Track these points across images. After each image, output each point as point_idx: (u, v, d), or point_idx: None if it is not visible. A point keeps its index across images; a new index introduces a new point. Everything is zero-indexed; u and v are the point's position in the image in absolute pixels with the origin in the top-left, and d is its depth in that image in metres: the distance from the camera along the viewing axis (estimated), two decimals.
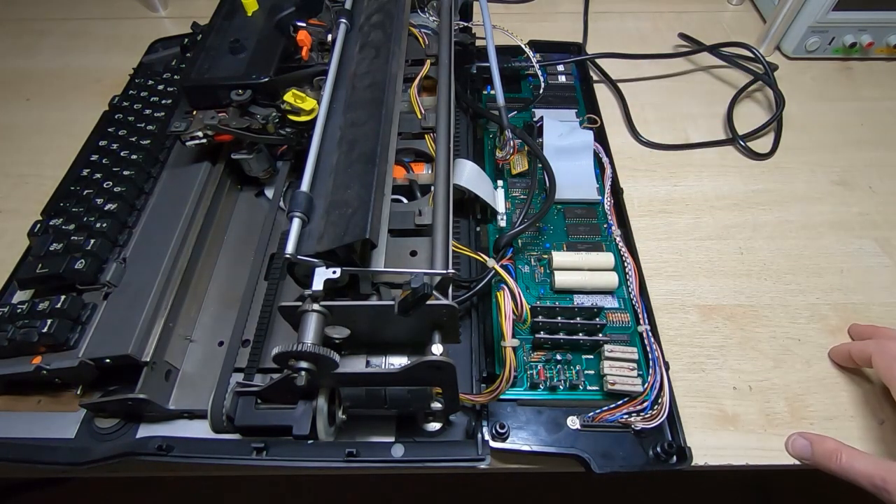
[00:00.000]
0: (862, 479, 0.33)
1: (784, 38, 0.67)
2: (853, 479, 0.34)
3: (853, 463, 0.34)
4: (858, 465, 0.34)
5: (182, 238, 0.42)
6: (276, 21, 0.47)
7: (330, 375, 0.31)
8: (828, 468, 0.36)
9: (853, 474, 0.34)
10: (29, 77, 0.67)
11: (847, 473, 0.34)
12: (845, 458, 0.34)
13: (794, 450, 0.38)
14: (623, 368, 0.39)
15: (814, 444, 0.37)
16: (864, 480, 0.33)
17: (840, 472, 0.35)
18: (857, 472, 0.33)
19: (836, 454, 0.35)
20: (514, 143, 0.48)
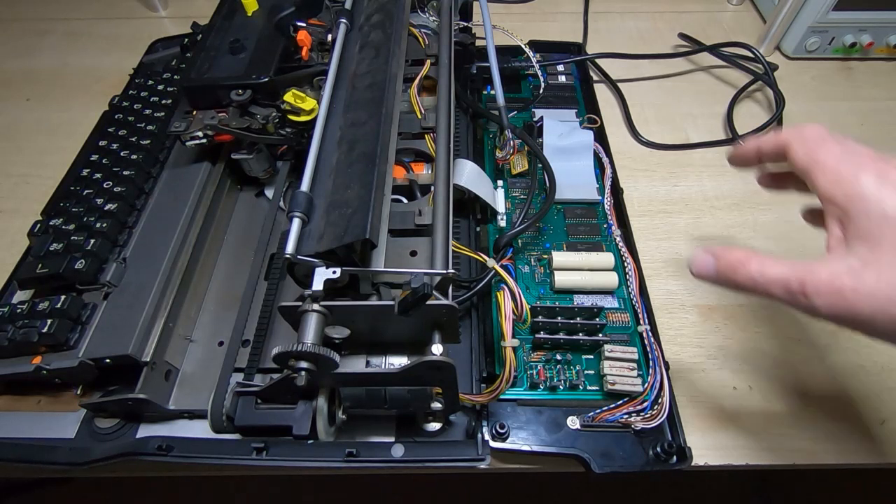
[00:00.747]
0: (775, 287, 0.27)
1: (784, 38, 0.67)
2: (765, 288, 0.28)
3: (764, 269, 0.28)
4: (771, 271, 0.28)
5: (182, 238, 0.42)
6: (276, 21, 0.47)
7: (330, 375, 0.31)
8: (734, 282, 0.29)
9: (764, 282, 0.28)
10: (29, 77, 0.67)
11: (757, 283, 0.28)
12: (755, 265, 0.28)
13: (697, 268, 0.31)
14: (623, 368, 0.39)
15: (718, 257, 0.30)
16: (778, 287, 0.27)
17: (749, 282, 0.28)
18: (770, 279, 0.27)
19: (743, 263, 0.29)
20: (514, 143, 0.48)
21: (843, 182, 0.27)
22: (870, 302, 0.25)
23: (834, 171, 0.28)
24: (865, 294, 0.25)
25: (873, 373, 0.42)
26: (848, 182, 0.27)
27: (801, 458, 0.39)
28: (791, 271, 0.27)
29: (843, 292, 0.25)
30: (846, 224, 0.27)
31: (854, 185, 0.27)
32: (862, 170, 0.27)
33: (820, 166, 0.29)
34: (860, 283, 0.25)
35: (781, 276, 0.27)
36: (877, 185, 0.26)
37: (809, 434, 0.39)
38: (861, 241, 0.26)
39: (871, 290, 0.25)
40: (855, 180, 0.27)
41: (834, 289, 0.25)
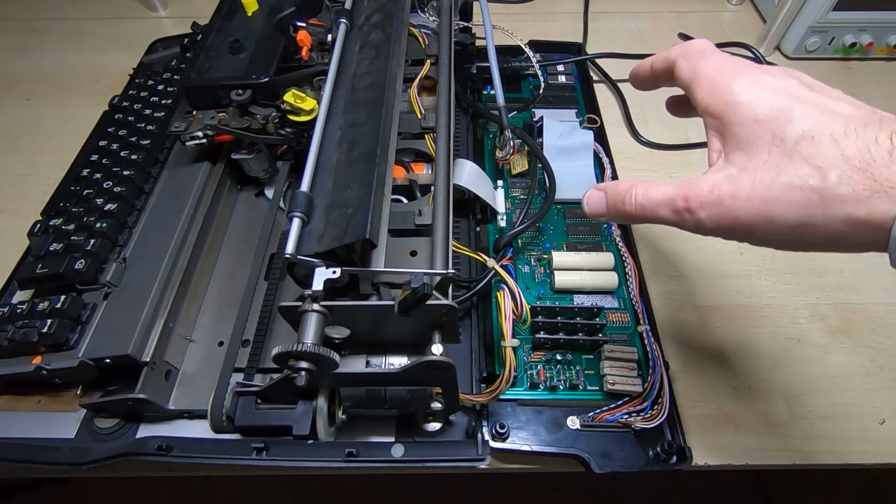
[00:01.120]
0: (663, 209, 0.27)
1: (784, 38, 0.67)
2: (653, 212, 0.27)
3: (650, 193, 0.27)
4: (656, 194, 0.27)
5: (182, 238, 0.42)
6: (276, 21, 0.47)
7: (330, 375, 0.31)
8: (624, 212, 0.29)
9: (652, 206, 0.27)
10: (29, 77, 0.67)
11: (646, 209, 0.28)
12: (640, 190, 0.28)
13: (590, 206, 0.31)
14: (623, 368, 0.39)
15: (608, 190, 0.30)
16: (666, 209, 0.27)
17: (638, 210, 0.28)
18: (656, 201, 0.27)
19: (629, 191, 0.28)
20: (514, 143, 0.48)
21: (717, 91, 0.27)
22: (747, 207, 0.24)
23: (710, 82, 0.27)
24: (743, 199, 0.24)
25: (873, 373, 0.42)
26: (722, 90, 0.27)
27: (801, 458, 0.39)
28: (675, 190, 0.26)
29: (723, 201, 0.25)
30: (724, 134, 0.27)
31: (727, 93, 0.26)
32: (736, 77, 0.27)
33: (699, 77, 0.28)
34: (737, 189, 0.25)
35: (667, 196, 0.27)
36: (748, 90, 0.26)
37: (809, 434, 0.39)
38: (737, 149, 0.26)
39: (747, 194, 0.24)
40: (728, 88, 0.26)
41: (714, 199, 0.25)
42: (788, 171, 0.23)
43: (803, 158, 0.23)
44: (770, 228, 0.24)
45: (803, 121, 0.24)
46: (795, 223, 0.23)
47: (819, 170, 0.23)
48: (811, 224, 0.23)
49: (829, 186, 0.22)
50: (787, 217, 0.23)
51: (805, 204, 0.23)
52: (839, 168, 0.22)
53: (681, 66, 0.30)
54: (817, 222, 0.23)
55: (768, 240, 0.25)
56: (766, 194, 0.24)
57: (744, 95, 0.26)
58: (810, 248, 0.25)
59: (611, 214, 0.30)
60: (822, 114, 0.24)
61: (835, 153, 0.23)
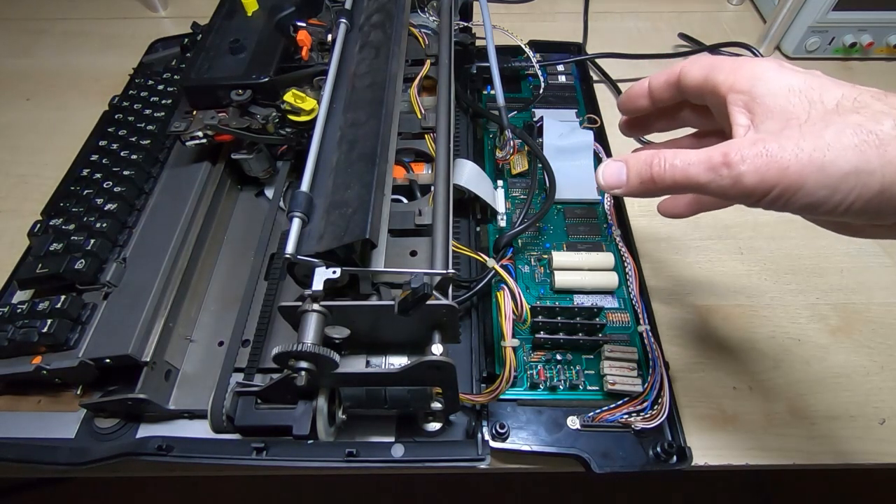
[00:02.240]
0: (696, 167, 0.25)
1: (784, 38, 0.67)
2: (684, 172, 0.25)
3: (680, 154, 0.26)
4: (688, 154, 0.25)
5: (182, 238, 0.42)
6: (276, 21, 0.47)
7: (330, 375, 0.31)
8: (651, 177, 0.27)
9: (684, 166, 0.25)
10: (29, 77, 0.67)
11: (677, 168, 0.26)
12: (669, 153, 0.26)
13: (607, 178, 0.28)
14: (623, 368, 0.39)
15: (628, 160, 0.28)
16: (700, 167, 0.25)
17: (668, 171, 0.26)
18: (689, 160, 0.25)
19: (657, 155, 0.26)
20: (514, 143, 0.48)
21: (743, 69, 0.26)
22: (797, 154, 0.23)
23: (733, 64, 0.27)
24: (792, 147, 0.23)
25: (873, 372, 0.42)
26: (748, 68, 0.26)
27: (801, 458, 0.39)
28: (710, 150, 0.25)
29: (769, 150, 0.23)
30: (752, 108, 0.26)
31: (755, 69, 0.26)
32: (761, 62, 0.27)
33: (717, 66, 0.28)
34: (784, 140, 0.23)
35: (702, 156, 0.25)
36: (777, 68, 0.26)
37: (809, 434, 0.39)
38: (771, 118, 0.25)
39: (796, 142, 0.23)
40: (755, 66, 0.26)
41: (759, 150, 0.24)
42: (838, 122, 0.23)
43: (851, 110, 0.23)
44: (821, 178, 0.23)
45: (839, 89, 0.24)
46: (849, 169, 0.22)
47: (873, 115, 0.22)
48: (866, 171, 0.22)
49: (885, 129, 0.22)
50: (841, 163, 0.22)
51: (861, 147, 0.22)
52: (892, 116, 0.22)
53: (689, 69, 0.29)
54: (873, 167, 0.22)
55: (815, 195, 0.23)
56: (818, 142, 0.23)
57: (773, 72, 0.26)
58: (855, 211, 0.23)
59: (632, 185, 0.28)
60: (853, 87, 0.24)
61: (882, 106, 0.22)
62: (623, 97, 0.34)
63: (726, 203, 0.34)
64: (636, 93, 0.33)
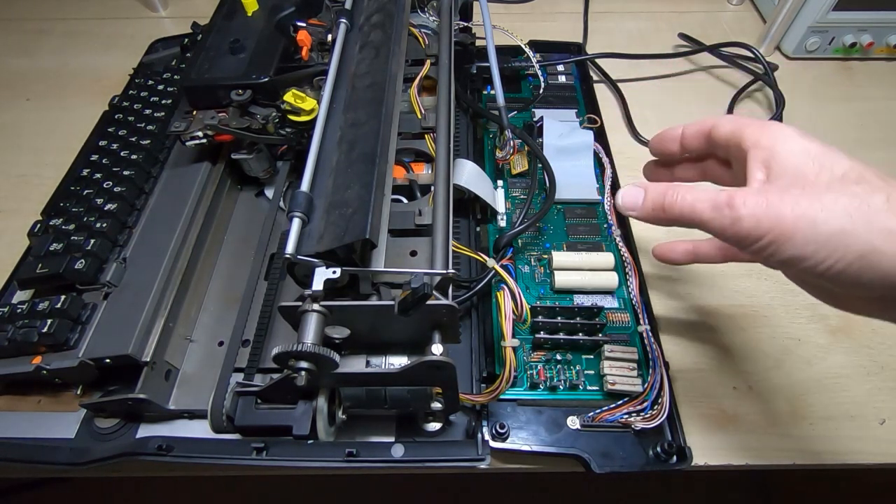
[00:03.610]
0: (702, 204, 0.28)
1: (784, 38, 0.67)
2: (691, 207, 0.28)
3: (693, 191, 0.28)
4: (699, 191, 0.28)
5: (182, 238, 0.42)
6: (276, 21, 0.47)
7: (330, 375, 0.31)
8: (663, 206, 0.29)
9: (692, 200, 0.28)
10: (29, 77, 0.67)
11: (686, 201, 0.28)
12: (683, 188, 0.29)
13: (625, 200, 0.31)
14: (623, 368, 0.39)
15: (648, 187, 0.30)
16: (706, 203, 0.27)
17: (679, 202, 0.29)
18: (699, 197, 0.28)
19: (672, 188, 0.29)
20: (514, 143, 0.48)
21: (770, 129, 0.29)
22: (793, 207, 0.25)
23: (761, 124, 0.29)
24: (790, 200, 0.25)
25: (873, 373, 0.42)
26: (775, 129, 0.28)
27: (801, 458, 0.39)
28: (716, 192, 0.27)
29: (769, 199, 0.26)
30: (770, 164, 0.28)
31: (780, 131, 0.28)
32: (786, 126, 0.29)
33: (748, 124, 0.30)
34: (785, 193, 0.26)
35: (708, 196, 0.28)
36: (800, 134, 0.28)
37: (809, 434, 0.39)
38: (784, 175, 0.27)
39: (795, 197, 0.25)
40: (781, 128, 0.28)
41: (761, 197, 0.26)
42: (839, 188, 0.25)
43: (854, 182, 0.25)
44: (810, 234, 0.25)
45: (849, 162, 0.26)
46: (837, 230, 0.24)
47: (868, 186, 0.25)
48: (852, 234, 0.24)
49: (876, 202, 0.24)
50: (832, 223, 0.24)
51: (852, 213, 0.24)
52: (885, 191, 0.24)
53: (721, 122, 0.31)
54: (858, 233, 0.24)
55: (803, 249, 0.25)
56: (815, 202, 0.25)
57: (796, 136, 0.28)
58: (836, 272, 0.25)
59: (646, 209, 0.30)
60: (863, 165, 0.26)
61: (881, 183, 0.25)
62: (655, 139, 0.36)
63: (719, 257, 0.38)
64: (668, 136, 0.35)
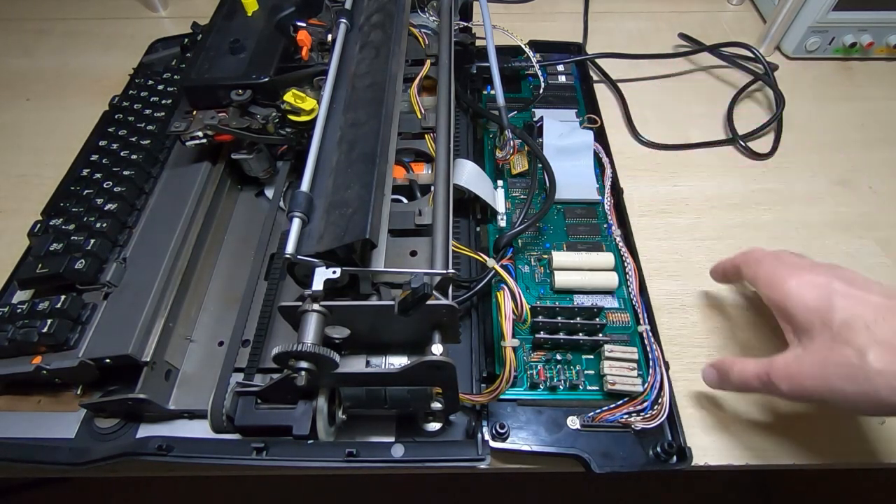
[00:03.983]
0: (754, 381, 0.34)
1: (784, 38, 0.67)
2: (746, 383, 0.35)
3: (745, 368, 0.35)
4: (749, 369, 0.35)
5: (182, 238, 0.42)
6: (276, 21, 0.47)
7: (330, 375, 0.31)
8: (730, 382, 0.37)
9: (745, 378, 0.35)
10: (29, 77, 0.67)
11: (745, 382, 0.35)
12: (738, 368, 0.36)
13: (707, 379, 0.39)
14: (623, 368, 0.39)
15: (717, 369, 0.38)
16: (756, 381, 0.34)
17: (737, 380, 0.36)
18: (749, 376, 0.34)
19: (731, 370, 0.36)
20: (514, 143, 0.48)
21: (776, 289, 0.35)
22: (812, 381, 0.31)
23: (769, 282, 0.36)
24: (807, 375, 0.31)
25: None
26: (779, 289, 0.35)
27: (801, 458, 0.39)
28: (759, 368, 0.34)
29: (793, 377, 0.32)
30: (789, 321, 0.34)
31: (783, 289, 0.34)
32: (788, 278, 0.35)
33: (760, 280, 0.37)
34: (802, 367, 0.32)
35: (755, 372, 0.34)
36: (797, 287, 0.34)
37: (809, 434, 0.39)
38: (800, 331, 0.33)
39: (809, 371, 0.31)
40: (783, 287, 0.35)
41: (788, 375, 0.32)
42: (836, 353, 0.30)
43: (845, 342, 0.30)
44: (833, 397, 0.31)
45: (842, 311, 0.31)
46: (850, 392, 0.30)
47: (858, 351, 0.29)
48: (862, 392, 0.29)
49: (867, 363, 0.29)
50: (844, 388, 0.30)
51: (852, 377, 0.29)
52: (873, 349, 0.29)
53: (745, 273, 0.39)
54: (866, 390, 0.29)
55: (837, 405, 0.31)
56: (823, 371, 0.31)
57: (794, 291, 0.34)
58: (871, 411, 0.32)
59: (719, 385, 0.38)
60: (856, 305, 0.31)
61: (868, 337, 0.29)
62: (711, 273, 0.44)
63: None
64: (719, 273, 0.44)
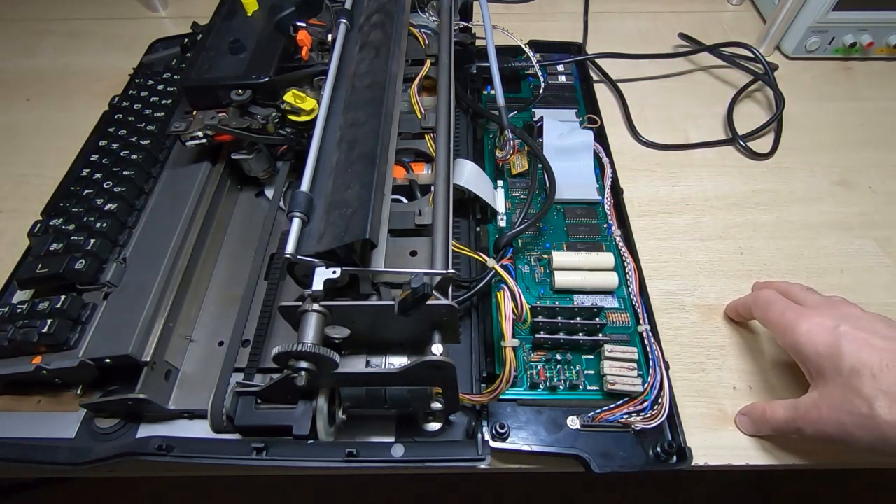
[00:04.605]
0: (784, 425, 0.36)
1: (784, 38, 0.67)
2: (778, 428, 0.37)
3: (775, 413, 0.36)
4: (778, 415, 0.36)
5: (182, 238, 0.42)
6: (276, 21, 0.47)
7: (330, 375, 0.31)
8: (762, 428, 0.38)
9: (777, 423, 0.36)
10: (29, 77, 0.67)
11: (776, 426, 0.37)
12: (769, 413, 0.37)
13: (743, 426, 0.40)
14: (623, 368, 0.39)
15: (750, 416, 0.39)
16: (785, 425, 0.36)
17: (770, 426, 0.37)
18: (779, 420, 0.36)
19: (763, 414, 0.37)
20: (514, 143, 0.48)
21: (787, 335, 0.36)
22: (832, 427, 0.33)
23: (780, 328, 0.37)
24: (826, 421, 0.33)
25: None
26: (791, 334, 0.36)
27: (801, 458, 0.39)
28: (787, 412, 0.36)
29: (815, 423, 0.34)
30: (804, 364, 0.36)
31: (793, 337, 0.36)
32: (797, 323, 0.36)
33: (772, 325, 0.38)
34: (821, 414, 0.33)
35: (785, 418, 0.36)
36: (807, 333, 0.35)
37: None
38: (816, 376, 0.35)
39: (827, 417, 0.33)
40: (793, 333, 0.36)
41: (811, 421, 0.34)
42: (848, 401, 0.32)
43: (854, 391, 0.32)
44: (853, 442, 0.32)
45: (850, 357, 0.32)
46: (866, 439, 0.31)
47: (866, 401, 0.31)
48: (876, 439, 0.31)
49: (876, 413, 0.30)
50: (860, 436, 0.31)
51: (865, 427, 0.31)
52: (879, 399, 0.30)
53: (756, 315, 0.41)
54: (878, 437, 0.31)
55: (859, 450, 0.32)
56: (839, 417, 0.32)
57: (804, 337, 0.35)
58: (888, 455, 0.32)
59: (755, 431, 0.39)
60: (861, 349, 0.32)
61: (874, 387, 0.31)
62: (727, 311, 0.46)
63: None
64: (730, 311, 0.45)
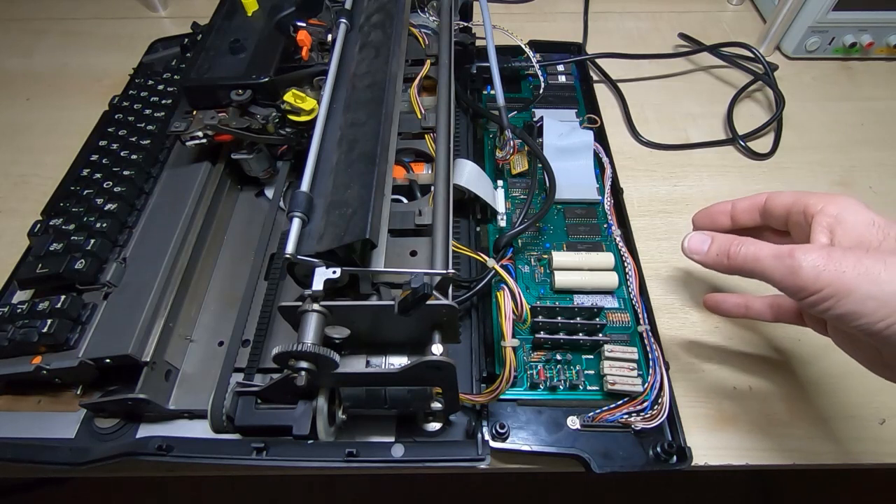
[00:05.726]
0: (767, 260, 0.29)
1: (784, 38, 0.67)
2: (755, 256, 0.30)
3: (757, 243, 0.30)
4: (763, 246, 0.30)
5: (182, 238, 0.42)
6: (276, 21, 0.47)
7: (330, 375, 0.31)
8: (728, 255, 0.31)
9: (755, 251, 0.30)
10: (29, 77, 0.67)
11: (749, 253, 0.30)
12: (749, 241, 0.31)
13: (691, 245, 0.33)
14: (623, 368, 0.39)
15: (715, 237, 0.32)
16: (770, 260, 0.29)
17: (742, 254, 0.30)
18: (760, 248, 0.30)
19: (737, 240, 0.31)
20: (514, 143, 0.48)
21: (836, 198, 0.31)
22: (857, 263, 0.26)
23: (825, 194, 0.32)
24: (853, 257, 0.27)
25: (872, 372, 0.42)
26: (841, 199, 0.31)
27: (801, 458, 0.39)
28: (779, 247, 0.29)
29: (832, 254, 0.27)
30: (835, 230, 0.30)
31: (847, 199, 0.31)
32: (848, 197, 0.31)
33: (810, 193, 0.33)
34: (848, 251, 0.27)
35: (771, 251, 0.29)
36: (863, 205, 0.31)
37: (809, 434, 0.39)
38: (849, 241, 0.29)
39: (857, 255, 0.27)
40: (847, 199, 0.31)
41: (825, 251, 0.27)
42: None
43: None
44: (872, 290, 0.26)
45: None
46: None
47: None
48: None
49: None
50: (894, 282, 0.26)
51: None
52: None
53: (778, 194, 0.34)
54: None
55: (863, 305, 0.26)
56: (878, 259, 0.26)
57: (861, 206, 0.30)
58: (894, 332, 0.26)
59: (710, 256, 0.32)
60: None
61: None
62: (701, 213, 0.38)
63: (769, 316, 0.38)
64: (718, 210, 0.38)
